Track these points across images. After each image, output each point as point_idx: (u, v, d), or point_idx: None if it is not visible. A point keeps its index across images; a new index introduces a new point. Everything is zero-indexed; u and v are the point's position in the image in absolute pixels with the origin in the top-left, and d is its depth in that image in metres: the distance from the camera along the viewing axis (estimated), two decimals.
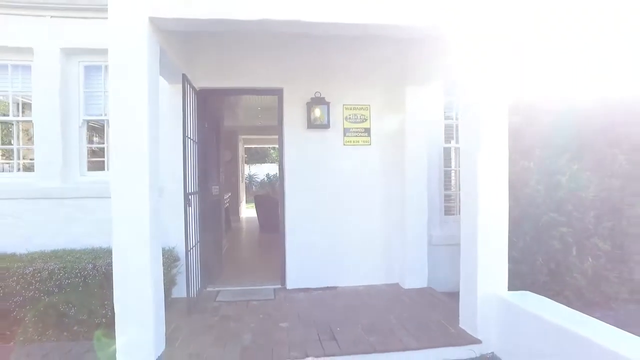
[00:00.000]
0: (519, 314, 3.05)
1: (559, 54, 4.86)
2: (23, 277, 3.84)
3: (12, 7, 4.60)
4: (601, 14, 4.99)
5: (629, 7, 4.85)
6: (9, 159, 5.12)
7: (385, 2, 3.16)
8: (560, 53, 4.86)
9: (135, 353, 2.99)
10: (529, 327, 2.90)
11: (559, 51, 4.87)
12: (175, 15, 3.04)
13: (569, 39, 4.91)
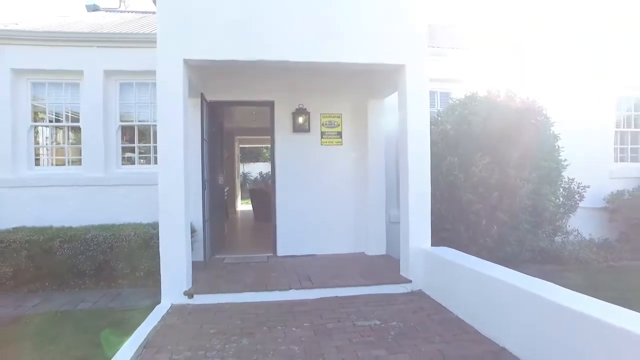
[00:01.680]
0: (437, 261, 4.51)
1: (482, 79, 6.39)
2: (85, 241, 5.27)
3: (69, 40, 6.05)
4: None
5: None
6: (61, 155, 6.52)
7: (346, 50, 4.65)
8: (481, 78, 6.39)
9: (173, 287, 4.42)
10: (443, 269, 4.37)
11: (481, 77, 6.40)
12: (199, 58, 4.50)
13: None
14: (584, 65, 7.74)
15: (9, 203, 6.04)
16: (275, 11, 4.58)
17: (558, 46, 8.01)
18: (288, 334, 3.54)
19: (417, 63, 4.81)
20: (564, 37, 8.65)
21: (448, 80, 7.32)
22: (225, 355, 3.12)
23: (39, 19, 7.70)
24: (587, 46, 8.07)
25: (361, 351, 3.17)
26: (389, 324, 3.74)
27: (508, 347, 3.15)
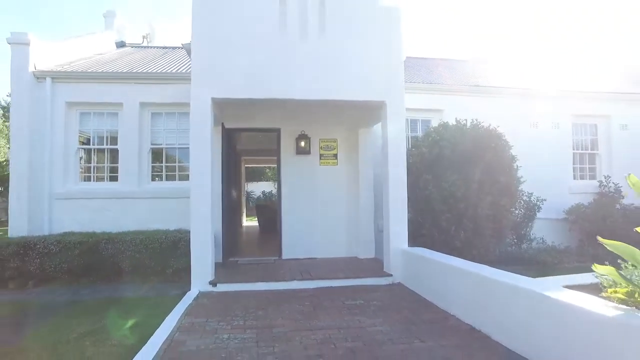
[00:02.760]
0: (412, 258, 5.63)
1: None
2: (124, 243, 6.42)
3: (111, 78, 7.36)
4: None
5: None
6: (101, 172, 7.73)
7: (339, 90, 5.92)
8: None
9: (200, 278, 5.53)
10: (416, 263, 5.49)
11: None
12: (223, 97, 5.75)
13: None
14: (545, 96, 9.04)
15: (60, 212, 7.24)
16: (282, 62, 5.85)
17: (522, 81, 9.33)
18: (292, 308, 4.66)
19: (395, 100, 6.06)
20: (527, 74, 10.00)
21: (429, 110, 8.62)
22: (246, 319, 4.24)
23: (81, 55, 9.04)
24: (547, 81, 9.40)
25: (347, 317, 4.29)
26: (371, 303, 4.86)
27: (456, 314, 4.27)
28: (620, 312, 2.44)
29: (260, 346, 3.47)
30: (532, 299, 3.12)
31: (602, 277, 2.99)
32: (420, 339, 3.61)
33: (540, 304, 3.02)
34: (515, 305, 3.33)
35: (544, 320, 2.95)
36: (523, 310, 3.21)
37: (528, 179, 7.53)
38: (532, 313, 3.10)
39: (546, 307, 2.95)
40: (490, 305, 3.67)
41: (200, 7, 5.76)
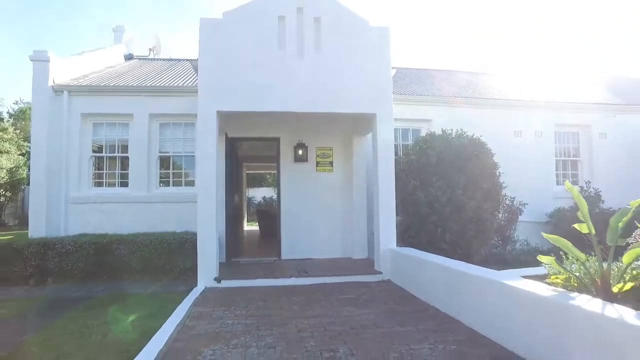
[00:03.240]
0: (400, 257, 6.16)
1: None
2: (135, 244, 6.96)
3: (123, 91, 7.93)
4: None
5: None
6: (113, 179, 8.30)
7: (334, 104, 6.48)
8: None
9: (206, 275, 6.06)
10: (403, 262, 6.02)
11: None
12: (228, 110, 6.32)
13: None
14: (529, 106, 9.62)
15: (75, 215, 7.80)
16: (281, 77, 6.42)
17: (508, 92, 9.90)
18: (290, 301, 5.19)
19: (384, 112, 6.63)
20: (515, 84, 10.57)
21: (419, 120, 9.19)
22: (248, 309, 4.76)
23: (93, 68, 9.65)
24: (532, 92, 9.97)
25: (338, 308, 4.82)
26: (360, 297, 5.38)
27: (435, 305, 4.79)
28: (554, 293, 2.97)
29: (260, 329, 3.99)
30: (494, 287, 3.65)
31: (548, 267, 3.53)
32: (400, 325, 4.13)
33: (500, 290, 3.55)
34: (481, 294, 3.86)
35: (503, 303, 3.48)
36: (487, 297, 3.74)
37: (513, 184, 8.08)
38: (494, 298, 3.63)
39: (504, 292, 3.48)
40: (462, 295, 4.20)
41: (206, 29, 6.35)
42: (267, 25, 6.49)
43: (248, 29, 6.44)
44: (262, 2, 6.54)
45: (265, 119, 7.85)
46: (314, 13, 6.60)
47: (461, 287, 4.25)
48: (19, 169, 17.79)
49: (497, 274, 3.96)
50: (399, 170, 7.75)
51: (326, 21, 6.63)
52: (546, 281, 3.38)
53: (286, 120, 7.96)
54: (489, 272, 4.09)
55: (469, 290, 4.09)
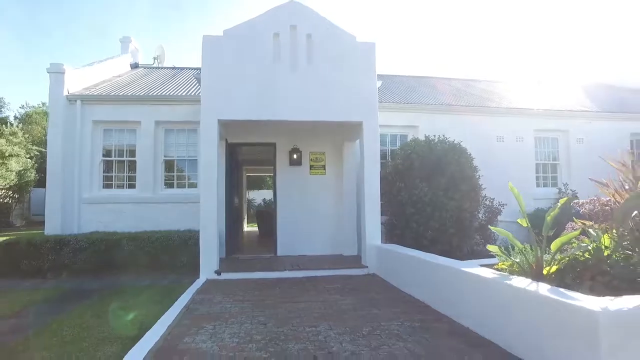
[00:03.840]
0: (383, 252, 6.79)
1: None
2: (143, 241, 7.59)
3: (131, 100, 8.58)
4: None
5: None
6: (121, 181, 8.94)
7: (325, 113, 7.12)
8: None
9: (207, 268, 6.69)
10: (386, 256, 6.64)
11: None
12: (228, 118, 6.97)
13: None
14: (510, 113, 10.25)
15: (87, 214, 8.45)
16: (276, 89, 7.07)
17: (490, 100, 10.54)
18: (282, 289, 5.81)
19: (370, 120, 7.27)
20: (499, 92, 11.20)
21: (407, 126, 9.83)
22: (244, 296, 5.39)
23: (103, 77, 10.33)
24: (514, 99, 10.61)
25: (325, 295, 5.44)
26: (346, 287, 6.00)
27: (410, 293, 5.41)
28: (495, 276, 3.60)
29: (254, 311, 4.62)
30: (453, 274, 4.27)
31: (498, 256, 4.15)
32: (377, 309, 4.75)
33: (457, 276, 4.18)
34: (444, 280, 4.48)
35: (460, 287, 4.11)
36: (449, 282, 4.36)
37: (496, 186, 8.69)
38: (454, 283, 4.25)
39: (460, 277, 4.11)
40: (431, 283, 4.83)
41: (208, 45, 7.01)
42: (263, 41, 7.14)
43: (246, 45, 7.09)
44: (259, 20, 7.20)
45: (263, 125, 8.45)
46: (306, 30, 7.25)
47: (430, 276, 4.87)
48: (27, 172, 18.46)
49: (458, 263, 4.59)
50: (386, 174, 8.40)
51: (317, 37, 7.28)
52: (494, 267, 4.00)
53: (282, 126, 8.57)
54: (452, 262, 4.71)
55: (436, 278, 4.71)
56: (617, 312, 2.42)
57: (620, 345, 2.37)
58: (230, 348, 3.39)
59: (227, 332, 3.81)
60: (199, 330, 3.89)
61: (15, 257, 7.36)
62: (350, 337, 3.65)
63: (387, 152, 9.69)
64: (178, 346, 3.45)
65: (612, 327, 2.38)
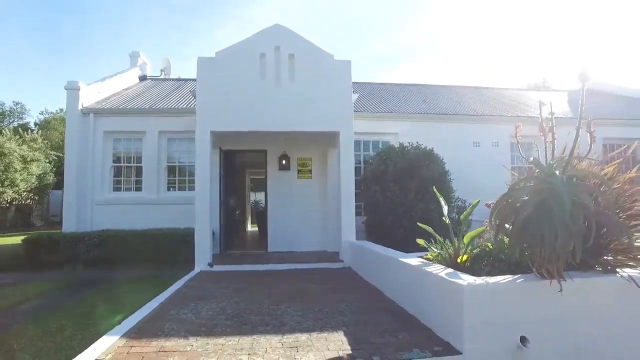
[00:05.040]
0: (355, 247, 7.66)
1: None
2: (147, 237, 8.60)
3: (138, 113, 9.62)
4: None
5: None
6: (129, 184, 10.00)
7: (307, 124, 8.03)
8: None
9: (201, 261, 7.65)
10: (358, 252, 7.51)
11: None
12: (219, 129, 7.93)
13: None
14: (487, 120, 11.02)
15: (99, 214, 9.52)
16: (262, 103, 8.00)
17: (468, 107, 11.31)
18: (265, 279, 6.72)
19: (346, 130, 8.16)
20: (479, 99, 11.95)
21: (388, 133, 10.68)
22: (229, 284, 6.32)
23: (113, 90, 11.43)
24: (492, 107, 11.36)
25: (301, 283, 6.32)
26: (321, 277, 6.89)
27: (371, 282, 6.28)
28: (419, 264, 4.46)
29: (234, 294, 5.55)
30: (396, 263, 5.14)
31: (429, 248, 5.01)
32: (338, 294, 5.62)
33: (398, 265, 5.04)
34: (391, 269, 5.35)
35: (399, 273, 4.97)
36: (393, 270, 5.23)
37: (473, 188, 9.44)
38: (395, 271, 5.12)
39: (399, 265, 4.97)
40: (384, 272, 5.70)
41: (202, 65, 7.98)
42: (251, 61, 8.08)
43: (236, 64, 8.04)
44: (247, 42, 8.15)
45: (253, 134, 9.40)
46: (288, 50, 8.17)
47: (382, 266, 5.74)
48: (46, 175, 19.79)
49: (400, 254, 5.44)
50: (364, 177, 9.28)
51: (299, 56, 8.19)
52: (424, 257, 4.87)
53: (271, 135, 9.50)
54: (397, 253, 5.58)
55: (385, 268, 5.58)
56: (475, 286, 3.28)
57: (474, 304, 3.23)
58: (205, 318, 4.33)
59: (205, 308, 4.75)
60: (183, 306, 4.84)
61: (37, 251, 8.44)
62: (302, 313, 4.55)
63: (369, 157, 10.54)
64: (165, 316, 4.40)
65: (471, 295, 3.24)
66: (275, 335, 3.72)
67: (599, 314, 3.30)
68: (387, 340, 3.56)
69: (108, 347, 3.39)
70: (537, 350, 3.16)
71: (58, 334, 4.50)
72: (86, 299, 5.91)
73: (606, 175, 4.02)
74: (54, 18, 54.48)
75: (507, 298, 3.29)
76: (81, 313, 5.09)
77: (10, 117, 30.02)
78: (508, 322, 3.23)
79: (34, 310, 5.75)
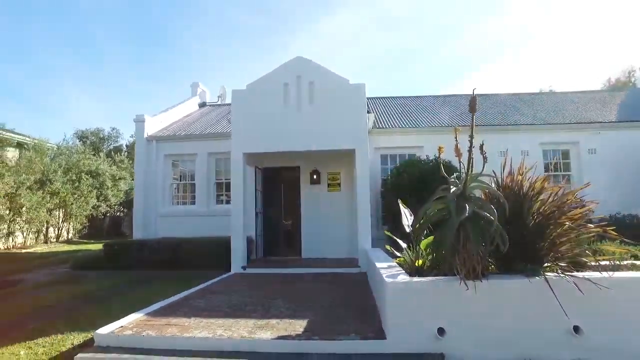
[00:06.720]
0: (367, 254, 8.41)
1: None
2: (197, 243, 10.13)
3: (193, 138, 11.34)
4: None
5: None
6: (185, 199, 11.76)
7: (327, 143, 9.02)
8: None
9: (236, 264, 8.93)
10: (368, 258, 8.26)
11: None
12: (249, 151, 9.22)
13: None
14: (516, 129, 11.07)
15: (161, 224, 11.38)
16: (285, 126, 9.13)
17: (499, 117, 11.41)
18: (285, 280, 7.77)
19: (361, 147, 8.99)
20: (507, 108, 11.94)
21: (414, 147, 11.24)
22: (251, 282, 7.47)
23: (174, 118, 13.45)
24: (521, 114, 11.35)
25: (313, 284, 7.27)
26: (333, 279, 7.76)
27: (371, 285, 7.02)
28: (385, 266, 5.19)
29: (249, 290, 6.67)
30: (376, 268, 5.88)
31: (394, 253, 5.68)
32: (338, 293, 6.47)
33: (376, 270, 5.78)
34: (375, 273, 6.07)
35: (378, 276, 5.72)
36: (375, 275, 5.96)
37: None
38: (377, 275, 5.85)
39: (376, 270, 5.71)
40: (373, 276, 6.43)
41: (236, 96, 9.37)
42: (275, 90, 9.29)
43: (263, 94, 9.31)
44: (273, 74, 9.40)
45: (287, 153, 10.61)
46: (308, 79, 9.26)
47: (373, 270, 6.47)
48: (132, 190, 23.01)
49: (382, 259, 6.14)
50: (386, 189, 9.98)
51: (317, 83, 9.23)
52: (395, 261, 5.56)
53: (302, 153, 10.63)
54: (381, 259, 6.28)
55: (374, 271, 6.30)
56: (397, 283, 4.01)
57: (397, 299, 3.95)
58: (212, 305, 5.49)
59: (217, 299, 5.93)
60: (202, 297, 6.07)
61: (113, 255, 10.40)
62: (290, 305, 5.51)
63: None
64: (184, 303, 5.66)
65: (393, 291, 3.98)
66: (254, 319, 4.74)
67: (510, 310, 3.83)
68: (338, 327, 4.39)
69: (133, 319, 4.69)
70: (457, 341, 3.78)
71: (111, 309, 5.97)
72: (140, 290, 7.45)
73: (534, 189, 4.51)
74: (150, 51, 62.00)
75: (428, 295, 3.95)
76: (132, 298, 6.57)
77: (108, 141, 34.94)
78: (429, 315, 3.88)
79: (104, 294, 7.41)
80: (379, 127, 11.84)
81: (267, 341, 3.96)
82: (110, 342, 4.15)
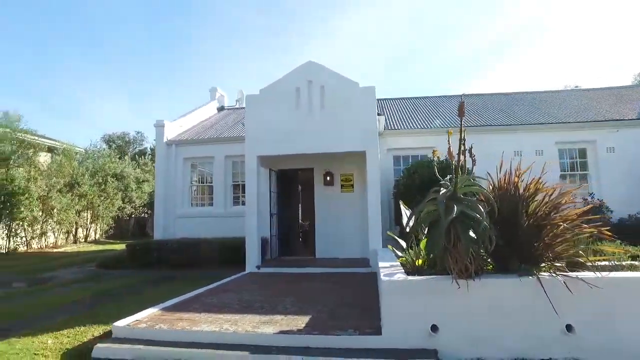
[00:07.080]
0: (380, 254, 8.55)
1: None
2: (214, 243, 10.49)
3: (211, 142, 11.75)
4: None
5: None
6: (202, 200, 12.17)
7: (337, 145, 9.21)
8: None
9: (250, 264, 9.23)
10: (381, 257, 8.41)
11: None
12: (263, 154, 9.51)
13: None
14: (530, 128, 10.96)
15: (180, 225, 11.82)
16: (297, 129, 9.36)
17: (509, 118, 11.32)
18: (295, 279, 8.01)
19: (371, 149, 9.13)
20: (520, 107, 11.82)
21: (426, 147, 11.28)
22: (263, 281, 7.73)
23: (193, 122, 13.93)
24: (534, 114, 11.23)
25: (321, 284, 7.48)
26: (343, 279, 7.94)
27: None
28: (387, 265, 5.34)
29: (259, 289, 6.94)
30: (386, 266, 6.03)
31: (395, 253, 5.81)
32: (345, 292, 6.66)
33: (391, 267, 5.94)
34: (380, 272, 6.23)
35: None
36: None
37: None
38: None
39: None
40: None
41: (249, 101, 9.69)
42: (287, 94, 9.54)
43: (275, 99, 9.57)
44: (284, 79, 9.66)
45: (300, 155, 10.85)
46: (319, 83, 9.47)
47: None
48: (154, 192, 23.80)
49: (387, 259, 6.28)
50: (397, 190, 10.09)
51: (328, 87, 9.43)
52: (398, 260, 5.70)
53: (316, 155, 10.85)
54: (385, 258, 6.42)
55: None
56: (393, 282, 4.16)
57: (392, 297, 4.11)
58: (223, 302, 5.77)
59: (228, 297, 6.22)
60: (215, 295, 6.37)
61: (135, 255, 10.89)
62: (296, 303, 5.73)
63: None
64: (197, 299, 5.97)
65: (389, 289, 4.14)
66: (260, 315, 4.99)
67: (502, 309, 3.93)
68: (338, 323, 4.57)
69: (148, 314, 5.02)
70: (450, 338, 3.91)
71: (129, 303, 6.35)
72: (159, 287, 7.85)
73: (529, 190, 4.58)
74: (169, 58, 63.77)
75: (422, 293, 4.09)
76: (149, 295, 6.94)
77: (133, 144, 36.16)
78: (423, 313, 4.02)
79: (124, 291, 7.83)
80: (391, 129, 11.95)
81: (269, 335, 4.20)
82: (126, 334, 4.48)
